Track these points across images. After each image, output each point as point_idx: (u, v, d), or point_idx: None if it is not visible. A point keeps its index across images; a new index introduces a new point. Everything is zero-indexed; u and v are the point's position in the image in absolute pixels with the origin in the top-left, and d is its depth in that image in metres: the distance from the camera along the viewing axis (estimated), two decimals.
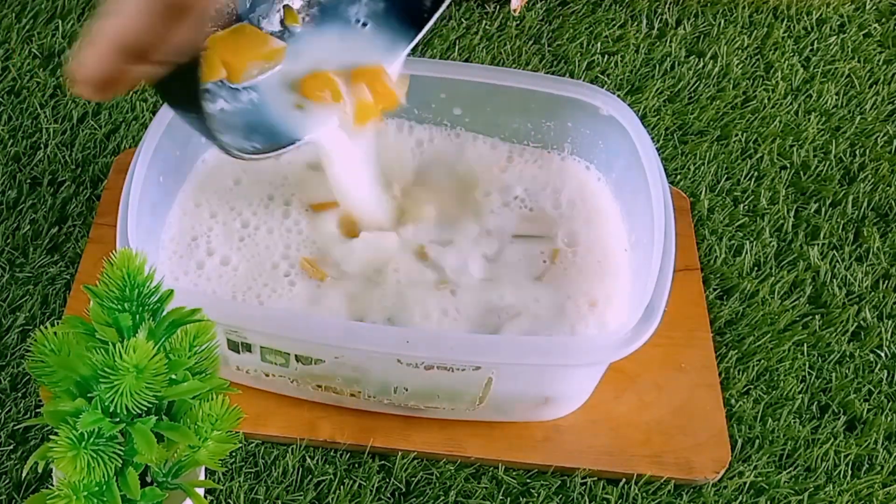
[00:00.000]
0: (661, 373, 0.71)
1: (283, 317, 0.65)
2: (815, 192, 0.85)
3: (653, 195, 0.67)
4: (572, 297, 0.69)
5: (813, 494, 0.67)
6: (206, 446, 0.48)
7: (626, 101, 0.88)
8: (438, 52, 0.92)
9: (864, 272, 0.79)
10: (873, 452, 0.69)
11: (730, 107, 0.90)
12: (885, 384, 0.73)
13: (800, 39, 0.97)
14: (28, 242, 0.76)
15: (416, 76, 0.74)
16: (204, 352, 0.49)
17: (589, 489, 0.66)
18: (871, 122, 0.90)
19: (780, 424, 0.70)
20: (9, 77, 0.87)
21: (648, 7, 0.98)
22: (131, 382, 0.44)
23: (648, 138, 0.70)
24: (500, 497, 0.66)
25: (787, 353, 0.74)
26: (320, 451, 0.67)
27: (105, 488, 0.46)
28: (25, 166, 0.80)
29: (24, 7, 0.92)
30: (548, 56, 0.93)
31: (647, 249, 0.65)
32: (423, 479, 0.66)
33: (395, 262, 0.70)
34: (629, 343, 0.60)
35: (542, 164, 0.77)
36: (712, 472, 0.67)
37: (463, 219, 0.73)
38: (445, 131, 0.78)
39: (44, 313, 0.72)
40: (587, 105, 0.73)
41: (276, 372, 0.66)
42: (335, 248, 0.70)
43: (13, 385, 0.68)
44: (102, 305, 0.47)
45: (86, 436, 0.45)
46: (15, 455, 0.65)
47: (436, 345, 0.61)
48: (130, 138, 0.83)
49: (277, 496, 0.64)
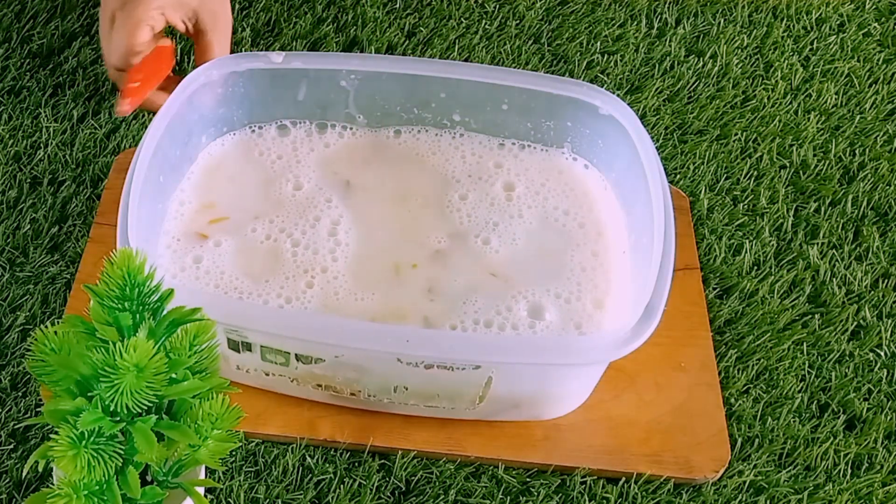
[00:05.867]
0: (661, 372, 0.71)
1: (283, 316, 0.65)
2: (815, 191, 0.85)
3: (652, 194, 0.67)
4: (573, 296, 0.69)
5: (812, 493, 0.67)
6: (206, 445, 0.48)
7: (626, 100, 0.88)
8: (438, 52, 0.92)
9: (864, 271, 0.79)
10: (873, 451, 0.69)
11: (729, 106, 0.90)
12: (884, 383, 0.73)
13: (799, 39, 0.97)
14: (28, 242, 0.76)
15: (416, 76, 0.74)
16: (204, 351, 0.49)
17: (589, 488, 0.66)
18: (870, 122, 0.90)
19: (780, 423, 0.70)
20: (9, 77, 0.87)
21: (648, 6, 0.98)
22: (131, 381, 0.44)
23: (648, 138, 0.70)
24: (500, 496, 0.66)
25: (787, 353, 0.74)
26: (320, 450, 0.67)
27: (105, 487, 0.46)
28: (26, 166, 0.80)
29: (24, 7, 0.92)
30: (548, 56, 0.93)
31: (646, 249, 0.65)
32: (423, 479, 0.66)
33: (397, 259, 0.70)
34: (629, 342, 0.60)
35: (542, 163, 0.77)
36: (712, 471, 0.67)
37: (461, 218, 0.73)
38: (445, 131, 0.78)
39: (44, 313, 0.72)
40: (587, 105, 0.73)
41: (276, 371, 0.66)
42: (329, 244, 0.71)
43: (13, 384, 0.68)
44: (103, 305, 0.47)
45: (86, 435, 0.45)
46: (15, 454, 0.65)
47: (436, 344, 0.61)
48: (130, 138, 0.83)
49: (277, 495, 0.64)
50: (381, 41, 0.93)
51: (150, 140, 0.67)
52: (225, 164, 0.75)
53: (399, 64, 0.75)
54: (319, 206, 0.73)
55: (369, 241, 0.72)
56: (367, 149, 0.77)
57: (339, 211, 0.73)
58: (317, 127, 0.78)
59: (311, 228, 0.72)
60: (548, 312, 0.68)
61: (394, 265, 0.70)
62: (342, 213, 0.73)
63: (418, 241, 0.72)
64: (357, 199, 0.74)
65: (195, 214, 0.72)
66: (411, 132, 0.78)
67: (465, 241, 0.72)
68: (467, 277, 0.70)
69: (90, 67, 0.88)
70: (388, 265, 0.70)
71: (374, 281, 0.69)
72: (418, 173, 0.76)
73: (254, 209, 0.73)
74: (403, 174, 0.76)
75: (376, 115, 0.77)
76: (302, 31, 0.93)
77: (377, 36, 0.93)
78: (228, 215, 0.72)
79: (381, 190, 0.75)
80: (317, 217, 0.73)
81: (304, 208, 0.73)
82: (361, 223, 0.73)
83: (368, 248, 0.71)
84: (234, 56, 0.74)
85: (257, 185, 0.74)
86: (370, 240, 0.72)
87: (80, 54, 0.89)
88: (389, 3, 0.96)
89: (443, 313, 0.68)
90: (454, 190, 0.75)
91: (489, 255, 0.71)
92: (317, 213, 0.73)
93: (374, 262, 0.70)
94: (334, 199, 0.74)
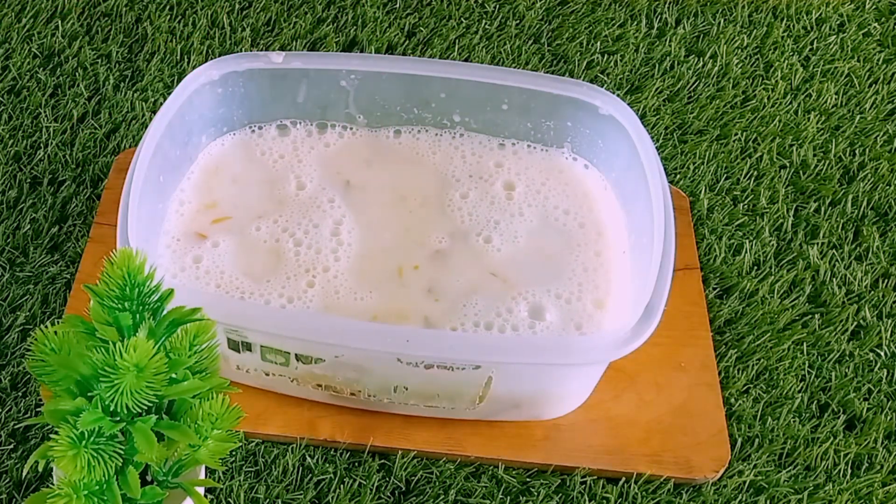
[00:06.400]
0: (661, 372, 0.71)
1: (283, 316, 0.65)
2: (815, 191, 0.85)
3: (652, 194, 0.67)
4: (574, 296, 0.69)
5: (812, 493, 0.67)
6: (206, 445, 0.48)
7: (626, 100, 0.88)
8: (438, 52, 0.92)
9: (864, 271, 0.79)
10: (873, 451, 0.69)
11: (729, 106, 0.90)
12: (884, 383, 0.73)
13: (799, 39, 0.97)
14: (28, 242, 0.76)
15: (416, 76, 0.74)
16: (204, 351, 0.49)
17: (588, 488, 0.66)
18: (870, 122, 0.90)
19: (780, 423, 0.70)
20: (9, 77, 0.87)
21: (648, 6, 0.98)
22: (132, 381, 0.44)
23: (648, 138, 0.70)
24: (500, 496, 0.66)
25: (787, 353, 0.74)
26: (320, 450, 0.67)
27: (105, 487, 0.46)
28: (26, 166, 0.80)
29: (24, 7, 0.92)
30: (548, 56, 0.93)
31: (646, 249, 0.65)
32: (423, 478, 0.66)
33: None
34: (629, 342, 0.60)
35: (542, 163, 0.77)
36: (712, 471, 0.67)
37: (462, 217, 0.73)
38: (445, 131, 0.78)
39: (44, 312, 0.72)
40: (587, 104, 0.73)
41: (276, 371, 0.66)
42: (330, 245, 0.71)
43: (13, 384, 0.68)
44: (103, 304, 0.47)
45: (86, 435, 0.45)
46: (15, 454, 0.65)
47: (436, 344, 0.61)
48: (130, 138, 0.83)
49: (277, 495, 0.64)
50: (381, 41, 0.93)
51: (150, 140, 0.67)
52: (226, 164, 0.75)
53: (399, 64, 0.75)
54: (321, 205, 0.73)
55: (371, 241, 0.72)
56: (367, 149, 0.77)
57: (341, 211, 0.73)
58: (317, 127, 0.78)
59: (314, 228, 0.72)
60: (548, 313, 0.68)
61: (395, 265, 0.70)
62: (344, 213, 0.73)
63: (419, 240, 0.72)
64: (358, 198, 0.74)
65: (195, 214, 0.72)
66: (411, 132, 0.78)
67: (466, 240, 0.72)
68: (468, 277, 0.70)
69: (90, 67, 0.88)
70: (390, 265, 0.70)
71: (376, 281, 0.69)
72: (418, 173, 0.76)
73: (256, 208, 0.73)
74: (404, 174, 0.76)
75: (376, 115, 0.77)
76: (302, 31, 0.93)
77: (377, 36, 0.93)
78: (230, 215, 0.72)
79: (382, 190, 0.75)
80: (319, 217, 0.73)
81: (307, 208, 0.73)
82: (363, 223, 0.73)
83: (370, 247, 0.71)
84: (234, 56, 0.74)
85: (259, 184, 0.74)
86: (371, 240, 0.72)
87: (80, 54, 0.89)
88: (389, 3, 0.96)
89: (443, 314, 0.68)
90: (454, 189, 0.75)
91: (490, 255, 0.71)
92: (319, 212, 0.73)
93: (376, 262, 0.70)
94: (336, 198, 0.74)
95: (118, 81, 0.87)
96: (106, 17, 0.93)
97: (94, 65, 0.88)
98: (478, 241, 0.72)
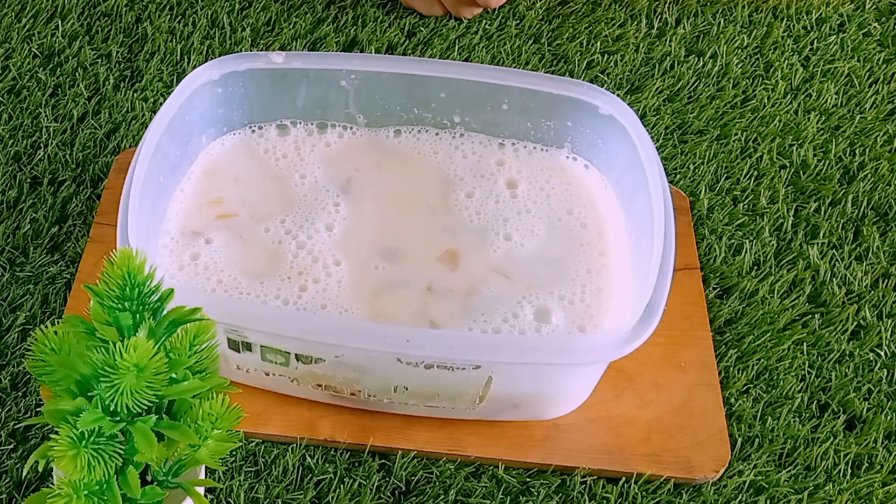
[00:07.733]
0: (661, 372, 0.71)
1: (283, 315, 0.65)
2: (815, 191, 0.85)
3: (652, 194, 0.67)
4: (577, 297, 0.69)
5: (812, 493, 0.67)
6: (206, 445, 0.48)
7: (626, 100, 0.88)
8: (438, 52, 0.92)
9: (864, 271, 0.79)
10: (873, 451, 0.69)
11: (729, 106, 0.90)
12: (884, 383, 0.73)
13: (799, 39, 0.97)
14: (28, 242, 0.76)
15: (416, 76, 0.74)
16: (204, 351, 0.49)
17: (588, 488, 0.66)
18: (870, 122, 0.90)
19: (780, 423, 0.70)
20: (9, 77, 0.87)
21: (648, 6, 0.98)
22: (132, 381, 0.44)
23: (648, 137, 0.70)
24: (500, 496, 0.66)
25: (787, 352, 0.74)
26: (320, 450, 0.67)
27: (105, 487, 0.46)
28: (26, 166, 0.80)
29: (24, 7, 0.92)
30: (548, 56, 0.93)
31: (646, 249, 0.65)
32: (423, 478, 0.66)
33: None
34: (629, 342, 0.60)
35: (542, 163, 0.77)
36: (712, 471, 0.67)
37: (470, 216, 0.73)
38: (446, 131, 0.78)
39: (44, 312, 0.72)
40: (587, 104, 0.73)
41: (276, 371, 0.66)
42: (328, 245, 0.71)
43: (13, 384, 0.68)
44: (103, 304, 0.47)
45: (86, 435, 0.45)
46: (15, 454, 0.65)
47: (436, 344, 0.61)
48: (130, 138, 0.83)
49: (277, 495, 0.64)
50: (381, 41, 0.93)
51: (150, 140, 0.67)
52: (226, 164, 0.75)
53: (399, 64, 0.75)
54: (324, 205, 0.73)
55: (372, 241, 0.72)
56: (367, 149, 0.77)
57: (343, 210, 0.73)
58: (317, 127, 0.78)
59: (315, 227, 0.72)
60: (554, 315, 0.68)
61: (397, 265, 0.70)
62: (346, 213, 0.73)
63: (421, 240, 0.72)
64: (359, 198, 0.74)
65: (196, 214, 0.72)
66: (411, 132, 0.78)
67: (468, 240, 0.72)
68: (472, 278, 0.70)
69: (90, 67, 0.88)
70: (391, 265, 0.70)
71: (378, 281, 0.69)
72: (419, 173, 0.76)
73: (257, 208, 0.73)
74: (404, 174, 0.76)
75: (376, 115, 0.77)
76: (302, 31, 0.93)
77: (377, 36, 0.93)
78: (234, 213, 0.72)
79: (383, 190, 0.75)
80: (321, 216, 0.73)
81: (309, 208, 0.73)
82: (364, 222, 0.73)
83: (372, 247, 0.71)
84: (234, 56, 0.74)
85: (260, 183, 0.74)
86: (372, 239, 0.72)
87: (80, 54, 0.89)
88: (389, 3, 0.96)
89: (447, 315, 0.68)
90: (458, 189, 0.75)
91: (494, 255, 0.71)
92: (321, 212, 0.73)
93: (378, 262, 0.70)
94: (338, 198, 0.74)
95: (118, 81, 0.87)
96: (106, 17, 0.93)
97: (94, 65, 0.88)
98: (480, 241, 0.72)
